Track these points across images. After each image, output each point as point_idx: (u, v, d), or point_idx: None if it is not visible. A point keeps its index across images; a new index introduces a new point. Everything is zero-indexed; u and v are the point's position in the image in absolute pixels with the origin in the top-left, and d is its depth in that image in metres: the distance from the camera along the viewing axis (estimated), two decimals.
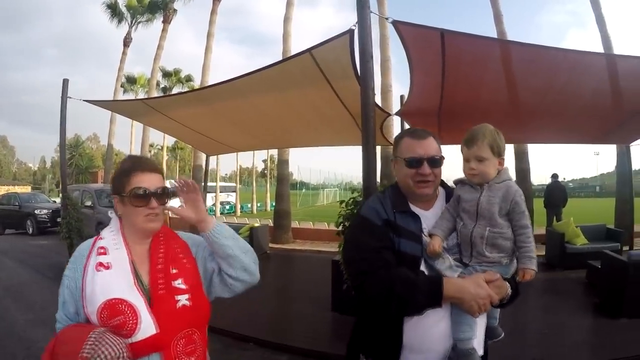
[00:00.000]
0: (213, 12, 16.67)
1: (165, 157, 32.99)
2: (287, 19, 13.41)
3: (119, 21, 22.79)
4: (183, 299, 1.29)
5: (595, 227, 8.77)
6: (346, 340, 1.72)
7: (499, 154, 1.52)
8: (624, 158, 9.72)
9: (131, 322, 1.19)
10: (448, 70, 4.63)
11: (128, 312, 1.20)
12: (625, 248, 7.67)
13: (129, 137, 29.88)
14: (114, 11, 22.65)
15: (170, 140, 34.39)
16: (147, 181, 1.36)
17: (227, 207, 31.74)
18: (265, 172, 45.57)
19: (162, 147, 34.58)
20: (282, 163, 13.42)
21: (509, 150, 11.46)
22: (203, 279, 1.42)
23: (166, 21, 20.62)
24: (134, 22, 22.77)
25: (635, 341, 4.27)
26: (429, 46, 4.26)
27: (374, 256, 1.47)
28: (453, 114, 5.73)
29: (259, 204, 33.08)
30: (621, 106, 5.59)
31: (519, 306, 1.64)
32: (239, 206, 30.85)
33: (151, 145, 23.61)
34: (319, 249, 10.92)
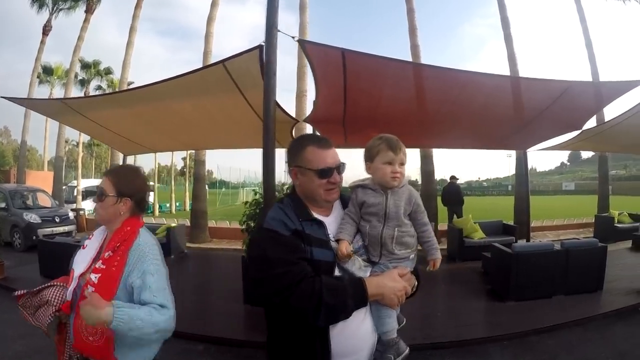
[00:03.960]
0: (137, 6, 15.90)
1: (81, 154, 31.20)
2: (210, 20, 13.40)
3: (40, 7, 21.07)
4: (90, 289, 1.59)
5: (493, 223, 9.83)
6: (256, 329, 1.79)
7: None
8: (521, 162, 10.94)
9: (68, 286, 1.73)
10: (349, 84, 5.13)
11: (71, 279, 1.74)
12: (523, 241, 8.49)
13: (42, 132, 28.09)
14: None
15: (86, 136, 32.51)
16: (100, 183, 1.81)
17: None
18: (185, 170, 43.32)
19: (78, 144, 32.90)
20: (199, 164, 13.59)
21: (416, 153, 12.03)
22: (122, 286, 1.61)
23: (89, 11, 19.36)
24: (55, 8, 21.16)
25: (520, 320, 5.00)
26: (331, 63, 4.72)
27: (293, 269, 1.41)
28: (357, 120, 6.28)
29: (177, 204, 31.91)
30: (513, 118, 6.38)
31: (423, 294, 1.82)
32: (157, 206, 28.84)
33: (66, 142, 22.23)
34: (234, 247, 11.16)
